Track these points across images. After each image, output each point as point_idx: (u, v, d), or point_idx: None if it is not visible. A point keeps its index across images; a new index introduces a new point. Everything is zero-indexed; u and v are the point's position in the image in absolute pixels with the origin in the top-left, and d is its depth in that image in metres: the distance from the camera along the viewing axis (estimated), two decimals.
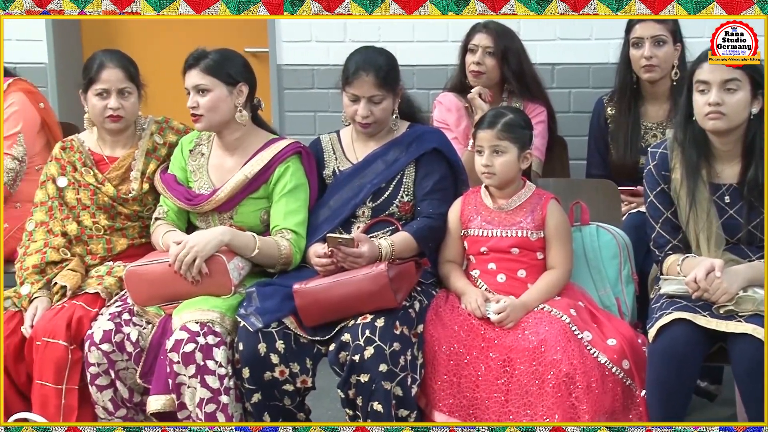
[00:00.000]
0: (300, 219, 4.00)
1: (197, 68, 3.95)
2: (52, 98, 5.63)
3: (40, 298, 3.98)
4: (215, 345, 3.71)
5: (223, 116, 4.00)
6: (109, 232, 4.16)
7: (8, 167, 4.82)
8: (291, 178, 4.01)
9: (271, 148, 4.05)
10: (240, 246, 3.91)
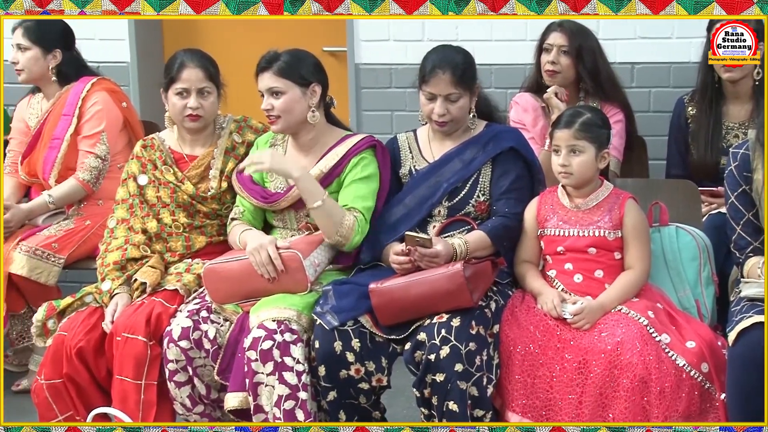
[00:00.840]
0: (368, 205, 3.99)
1: (270, 71, 3.97)
2: (134, 97, 5.70)
3: (120, 295, 4.03)
4: (292, 342, 3.73)
5: (298, 117, 4.01)
6: (188, 230, 4.20)
7: (91, 165, 4.90)
8: (363, 168, 4.02)
9: (346, 143, 4.06)
10: (307, 188, 3.90)
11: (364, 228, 3.97)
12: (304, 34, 5.50)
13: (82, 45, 5.10)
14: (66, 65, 4.97)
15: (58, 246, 4.80)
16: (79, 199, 4.93)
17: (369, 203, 4.00)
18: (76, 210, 4.94)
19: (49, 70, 4.94)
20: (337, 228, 3.92)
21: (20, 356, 5.05)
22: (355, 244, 3.97)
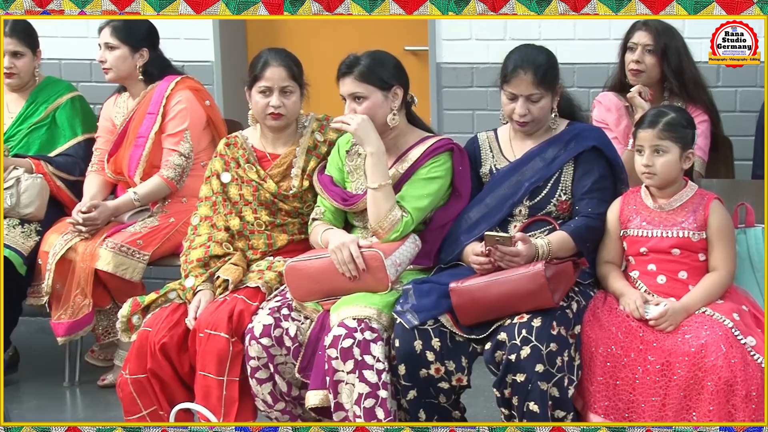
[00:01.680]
0: (421, 206, 3.97)
1: (351, 76, 3.97)
2: (218, 96, 5.76)
3: (203, 291, 4.07)
4: (372, 341, 3.74)
5: (380, 121, 4.00)
6: (269, 228, 4.23)
7: (175, 163, 4.96)
8: (432, 170, 4.00)
9: (422, 145, 4.05)
10: (374, 167, 3.91)
11: (406, 228, 3.94)
12: (385, 34, 5.52)
13: (167, 44, 5.17)
14: (152, 64, 5.04)
15: (142, 243, 4.87)
16: (164, 196, 5.00)
17: (422, 204, 3.97)
18: (161, 207, 5.01)
19: (136, 68, 5.01)
20: (381, 218, 3.91)
21: (106, 351, 5.13)
22: (390, 239, 3.94)
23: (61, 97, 5.26)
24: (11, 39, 5.07)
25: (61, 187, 5.14)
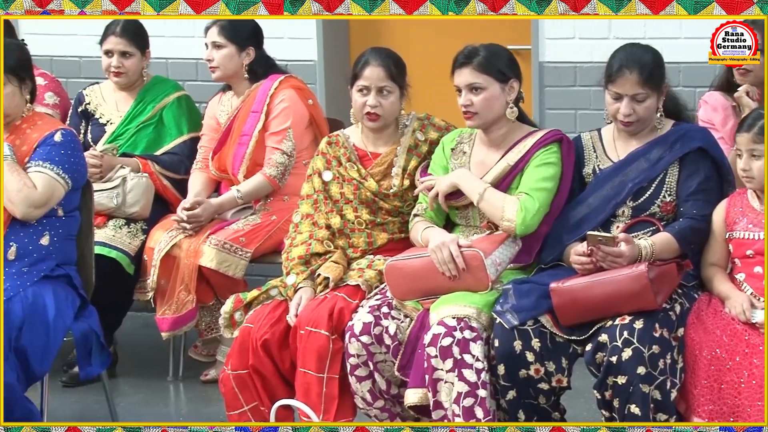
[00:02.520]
0: (539, 186, 3.93)
1: (469, 66, 3.96)
2: (320, 95, 5.80)
3: (304, 289, 4.10)
4: (472, 340, 3.73)
5: (495, 113, 4.00)
6: (370, 227, 4.24)
7: (278, 161, 5.00)
8: (545, 156, 3.97)
9: (533, 136, 4.03)
10: (467, 187, 3.95)
11: (531, 207, 3.89)
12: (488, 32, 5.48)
13: (271, 44, 5.22)
14: (257, 63, 5.09)
15: (245, 240, 4.93)
16: (266, 194, 5.05)
17: (540, 185, 3.93)
18: (263, 205, 5.06)
19: (242, 67, 5.07)
20: (502, 213, 3.90)
21: (209, 347, 5.20)
22: (521, 223, 3.89)
23: (168, 96, 5.34)
24: (121, 39, 5.17)
25: (166, 185, 5.23)
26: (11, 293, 3.97)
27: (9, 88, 4.11)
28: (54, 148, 4.12)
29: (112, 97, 5.34)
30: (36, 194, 4.05)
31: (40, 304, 4.01)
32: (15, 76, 4.12)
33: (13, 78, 4.12)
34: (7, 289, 3.97)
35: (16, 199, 4.04)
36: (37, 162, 4.09)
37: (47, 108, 5.28)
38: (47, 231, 4.14)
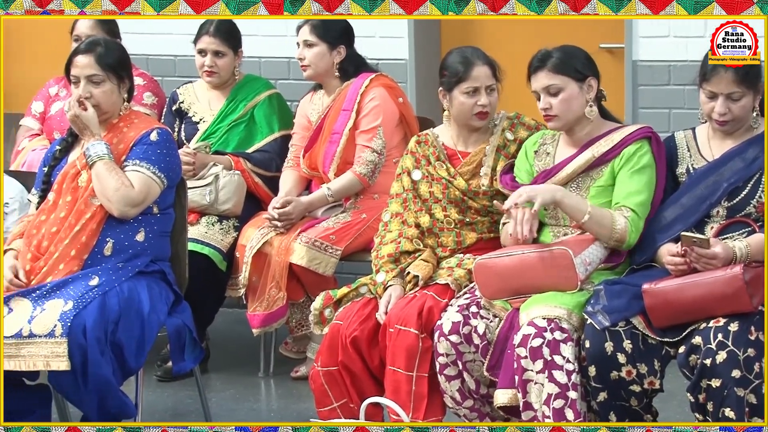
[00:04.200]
0: (641, 199, 3.91)
1: (545, 69, 3.94)
2: (411, 93, 5.80)
3: (393, 287, 4.11)
4: (562, 341, 3.71)
5: (576, 113, 3.97)
6: (459, 226, 4.24)
7: (368, 159, 5.02)
8: (639, 159, 3.93)
9: (621, 131, 3.99)
10: (571, 205, 3.89)
11: (638, 225, 3.89)
12: (580, 31, 5.45)
13: (363, 42, 5.24)
14: (348, 61, 5.11)
15: (335, 238, 4.95)
16: (356, 192, 5.07)
17: (642, 197, 3.91)
18: (353, 203, 5.08)
19: (333, 66, 5.10)
20: (611, 233, 3.87)
21: (299, 343, 5.24)
22: (632, 242, 3.90)
23: (259, 94, 5.39)
24: (214, 39, 5.23)
25: (258, 182, 5.28)
26: (107, 288, 4.04)
27: (107, 86, 4.19)
28: (150, 147, 4.19)
29: (205, 96, 5.40)
30: (133, 193, 4.12)
31: (136, 299, 4.08)
32: (114, 74, 4.20)
33: (112, 76, 4.19)
34: (103, 284, 4.04)
35: (114, 197, 4.11)
36: (133, 161, 4.16)
37: (145, 108, 5.36)
38: (143, 228, 4.21)
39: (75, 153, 4.26)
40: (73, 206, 4.13)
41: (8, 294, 4.01)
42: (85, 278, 4.04)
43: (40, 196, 4.26)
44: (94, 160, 4.12)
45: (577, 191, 3.99)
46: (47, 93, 5.50)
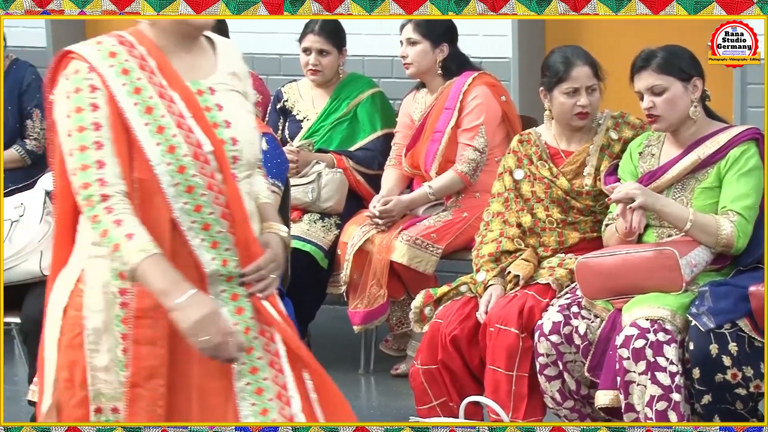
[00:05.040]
0: (749, 203, 3.83)
1: (649, 69, 3.89)
2: (514, 92, 5.77)
3: (494, 286, 4.10)
4: (666, 342, 3.67)
5: (680, 114, 3.92)
6: (561, 226, 4.21)
7: (470, 158, 5.01)
8: (746, 161, 3.86)
9: (728, 132, 3.93)
10: (672, 214, 3.84)
11: (746, 230, 3.83)
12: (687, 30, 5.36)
13: (466, 41, 5.24)
14: (451, 60, 5.11)
15: (436, 236, 4.96)
16: (458, 191, 5.07)
17: (750, 201, 3.84)
18: (455, 202, 5.08)
19: (436, 64, 5.10)
20: (716, 239, 3.82)
21: (399, 341, 5.25)
22: (740, 247, 3.84)
23: (362, 93, 5.42)
24: (319, 37, 5.28)
25: (360, 180, 5.31)
26: None
27: None
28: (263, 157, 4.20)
29: (309, 94, 5.45)
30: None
31: None
32: None
33: None
34: None
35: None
36: None
37: None
38: None
39: None
40: None
41: None
42: None
43: None
44: None
45: (681, 192, 3.94)
46: None
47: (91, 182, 2.66)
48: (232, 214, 2.73)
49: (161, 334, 2.72)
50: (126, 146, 2.68)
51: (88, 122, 2.66)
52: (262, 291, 2.79)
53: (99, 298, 2.73)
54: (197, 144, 2.71)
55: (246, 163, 2.80)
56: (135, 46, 2.75)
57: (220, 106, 2.77)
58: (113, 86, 2.68)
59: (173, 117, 2.70)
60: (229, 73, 2.83)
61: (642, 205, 3.81)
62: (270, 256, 2.81)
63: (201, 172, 2.70)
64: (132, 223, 2.65)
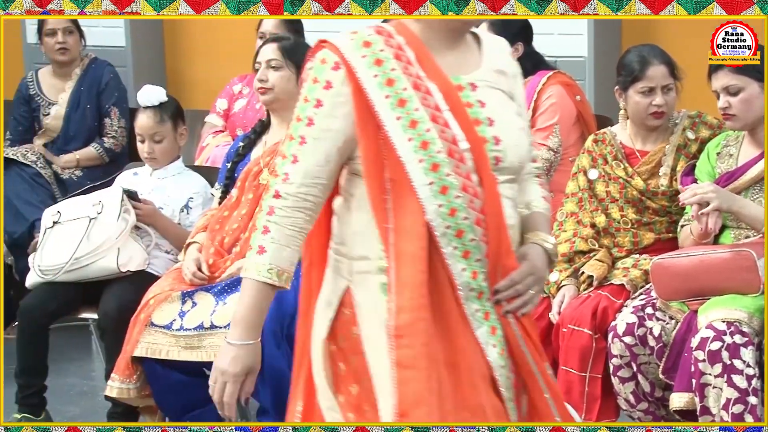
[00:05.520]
0: None
1: (725, 69, 3.86)
2: (589, 91, 5.75)
3: (567, 286, 4.08)
4: (742, 345, 3.64)
5: (756, 114, 3.88)
6: (636, 226, 4.18)
7: (543, 157, 4.98)
8: None
9: None
10: (749, 215, 3.80)
11: None
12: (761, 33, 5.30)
13: (541, 40, 5.22)
14: (525, 58, 5.08)
15: None
16: None
17: None
18: None
19: None
20: None
21: None
22: None
23: None
24: None
25: None
26: None
27: (285, 72, 4.23)
28: None
29: None
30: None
31: None
32: (294, 65, 4.23)
33: (292, 65, 4.23)
34: None
35: None
36: None
37: None
38: None
39: (258, 150, 4.36)
40: (255, 204, 4.22)
41: (192, 289, 4.14)
42: None
43: (223, 192, 4.38)
44: None
45: (760, 193, 3.90)
46: (231, 91, 5.64)
47: (279, 173, 2.52)
48: (487, 221, 2.48)
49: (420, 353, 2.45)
50: (375, 142, 2.48)
51: (304, 114, 2.51)
52: (518, 309, 2.56)
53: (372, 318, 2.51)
54: (452, 140, 2.48)
55: (509, 166, 2.54)
56: (393, 35, 2.55)
57: (482, 103, 2.55)
58: (363, 78, 2.48)
59: (428, 110, 2.48)
60: (495, 70, 2.62)
61: (717, 208, 3.77)
62: (526, 269, 2.56)
63: (455, 171, 2.47)
64: (275, 236, 2.50)
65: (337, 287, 2.58)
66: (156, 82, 5.05)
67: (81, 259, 4.39)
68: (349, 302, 2.55)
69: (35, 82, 5.77)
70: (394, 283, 2.45)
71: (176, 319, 4.06)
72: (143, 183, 4.64)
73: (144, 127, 4.58)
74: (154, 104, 4.57)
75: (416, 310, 2.44)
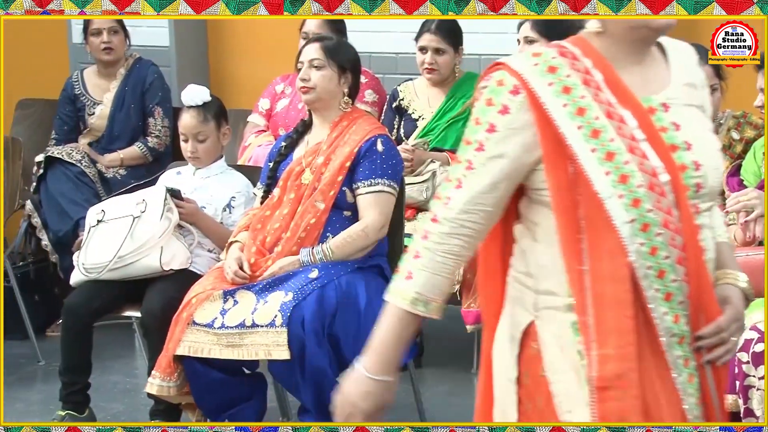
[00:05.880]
0: None
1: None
2: None
3: None
4: None
5: None
6: None
7: None
8: None
9: None
10: None
11: None
12: None
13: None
14: None
15: None
16: None
17: None
18: None
19: None
20: None
21: None
22: None
23: None
24: (435, 36, 5.28)
25: None
26: (325, 281, 4.12)
27: (327, 72, 4.24)
28: (379, 159, 4.23)
29: (425, 93, 5.46)
30: (377, 222, 4.19)
31: (353, 294, 4.15)
32: (336, 64, 4.24)
33: (334, 65, 4.24)
34: (321, 277, 4.12)
35: (367, 242, 4.19)
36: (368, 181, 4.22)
37: (366, 105, 5.45)
38: None
39: (300, 150, 4.37)
40: (297, 204, 4.23)
41: (233, 288, 4.15)
42: (306, 271, 4.13)
43: (265, 191, 4.38)
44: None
45: None
46: (273, 90, 5.66)
47: (441, 196, 2.39)
48: (689, 259, 2.30)
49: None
50: (566, 176, 2.27)
51: (474, 137, 2.36)
52: (719, 358, 2.38)
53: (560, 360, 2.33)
54: (652, 172, 2.27)
55: (710, 192, 2.35)
56: (579, 58, 2.35)
57: (677, 125, 2.35)
58: (552, 108, 2.29)
59: (624, 140, 2.28)
60: (685, 84, 2.42)
61: (762, 215, 3.74)
62: (732, 315, 2.38)
63: (657, 207, 2.26)
64: (426, 264, 2.38)
65: (520, 321, 2.42)
66: (199, 81, 5.08)
67: (125, 257, 4.42)
68: (534, 336, 2.38)
69: (80, 81, 5.82)
70: (594, 330, 2.27)
71: (218, 317, 4.07)
72: (186, 182, 4.67)
73: (187, 127, 4.60)
74: (198, 104, 4.59)
75: (626, 360, 2.27)
